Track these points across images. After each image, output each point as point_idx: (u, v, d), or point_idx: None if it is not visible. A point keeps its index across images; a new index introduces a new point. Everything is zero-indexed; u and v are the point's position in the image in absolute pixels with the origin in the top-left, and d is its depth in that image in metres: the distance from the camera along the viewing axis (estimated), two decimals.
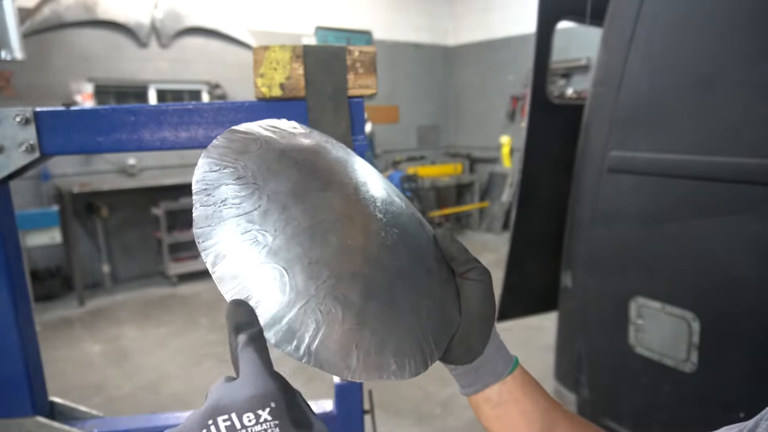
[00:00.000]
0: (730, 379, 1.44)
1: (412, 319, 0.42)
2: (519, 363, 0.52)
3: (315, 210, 0.42)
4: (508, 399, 0.50)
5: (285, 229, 0.40)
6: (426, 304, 0.44)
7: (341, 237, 0.41)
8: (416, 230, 0.49)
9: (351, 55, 0.73)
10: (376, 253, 0.42)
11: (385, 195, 0.50)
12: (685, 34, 1.52)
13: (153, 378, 3.34)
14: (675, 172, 1.53)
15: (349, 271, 0.40)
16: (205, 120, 0.72)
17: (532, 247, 2.26)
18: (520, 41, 6.64)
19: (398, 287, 0.42)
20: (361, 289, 0.40)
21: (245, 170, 0.42)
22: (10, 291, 0.72)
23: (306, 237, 0.40)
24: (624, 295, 1.68)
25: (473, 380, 0.50)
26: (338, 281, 0.39)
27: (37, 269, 4.73)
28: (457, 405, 2.93)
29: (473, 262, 0.48)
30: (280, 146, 0.47)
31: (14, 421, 0.75)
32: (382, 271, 0.42)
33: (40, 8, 4.62)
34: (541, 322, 2.39)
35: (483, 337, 0.48)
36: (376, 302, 0.40)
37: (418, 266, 0.45)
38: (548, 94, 2.17)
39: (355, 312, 0.39)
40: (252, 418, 0.28)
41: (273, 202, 0.41)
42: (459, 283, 0.49)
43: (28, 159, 0.70)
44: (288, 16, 6.16)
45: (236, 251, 0.38)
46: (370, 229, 0.44)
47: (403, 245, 0.45)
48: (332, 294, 0.38)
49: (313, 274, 0.38)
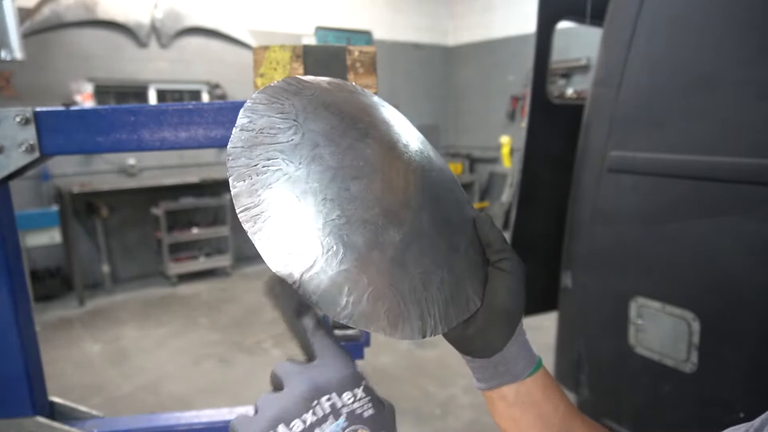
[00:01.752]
0: (730, 379, 1.44)
1: (418, 284, 0.41)
2: (542, 365, 0.49)
3: (344, 154, 0.42)
4: (526, 400, 0.47)
5: (310, 164, 0.41)
6: (440, 275, 0.43)
7: (363, 184, 0.41)
8: (450, 206, 0.47)
9: (351, 55, 0.73)
10: (395, 210, 0.41)
11: (427, 162, 0.48)
12: (685, 34, 1.52)
13: (153, 378, 3.34)
14: (675, 172, 1.53)
15: (362, 217, 0.39)
16: (205, 120, 0.72)
17: (532, 247, 2.26)
18: (520, 41, 6.64)
19: (412, 249, 0.41)
20: (369, 237, 0.39)
21: (291, 107, 0.45)
22: (10, 291, 0.72)
23: (328, 175, 0.40)
24: (624, 295, 1.68)
25: (490, 376, 0.48)
26: (347, 223, 0.39)
27: (37, 269, 4.73)
28: (457, 405, 2.93)
29: (508, 252, 0.46)
30: (332, 97, 0.48)
31: (14, 421, 0.75)
32: (397, 228, 0.41)
33: (40, 8, 4.62)
34: (541, 322, 2.39)
35: (505, 333, 0.45)
36: (380, 254, 0.39)
37: (441, 238, 0.44)
38: (548, 94, 2.17)
39: (357, 256, 0.38)
40: (350, 396, 0.32)
41: (306, 139, 0.42)
42: (489, 272, 0.46)
43: (28, 159, 0.69)
44: (288, 16, 6.17)
45: (258, 174, 0.40)
46: (395, 186, 0.43)
47: (428, 212, 0.44)
48: (337, 233, 0.38)
49: (323, 210, 0.39)
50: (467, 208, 0.50)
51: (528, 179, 2.18)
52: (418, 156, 0.48)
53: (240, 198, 0.38)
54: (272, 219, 0.38)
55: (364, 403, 0.32)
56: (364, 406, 0.32)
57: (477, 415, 2.83)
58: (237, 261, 5.78)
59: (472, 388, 3.09)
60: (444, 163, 0.53)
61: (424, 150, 0.51)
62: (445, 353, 3.56)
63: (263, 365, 3.49)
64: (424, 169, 0.47)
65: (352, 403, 0.32)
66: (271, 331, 4.01)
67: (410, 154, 0.47)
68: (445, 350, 3.60)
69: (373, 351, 3.54)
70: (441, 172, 0.50)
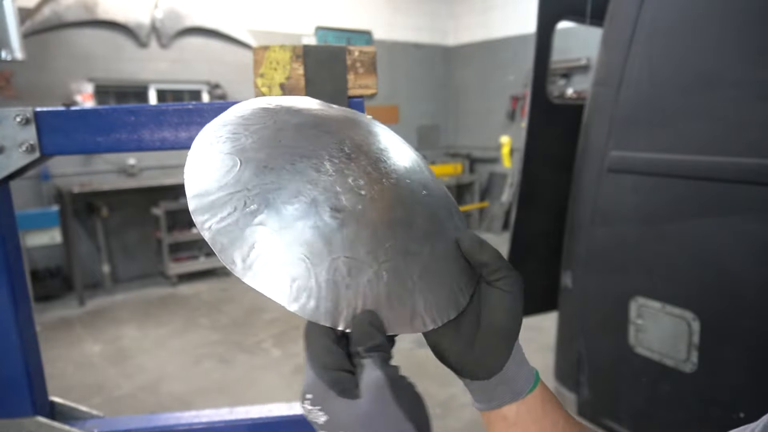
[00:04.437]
0: (730, 379, 1.44)
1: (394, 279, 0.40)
2: (540, 379, 0.48)
3: (303, 140, 0.44)
4: (527, 419, 0.46)
5: (265, 142, 0.43)
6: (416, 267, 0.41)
7: (311, 165, 0.41)
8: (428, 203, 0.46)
9: (351, 55, 0.73)
10: (334, 191, 0.40)
11: (413, 175, 0.47)
12: (685, 34, 1.52)
13: (153, 378, 3.34)
14: (675, 172, 1.53)
15: (297, 188, 0.40)
16: (205, 120, 0.72)
17: (532, 247, 2.26)
18: (520, 41, 6.63)
19: (349, 225, 0.39)
20: (299, 207, 0.39)
21: (274, 109, 0.49)
22: (10, 291, 0.72)
23: (279, 152, 0.42)
24: (624, 295, 1.68)
25: (490, 397, 0.46)
26: (278, 189, 0.39)
27: (37, 269, 4.73)
28: (457, 405, 2.93)
29: (505, 270, 0.43)
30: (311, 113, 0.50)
31: (14, 421, 0.75)
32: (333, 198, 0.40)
33: (40, 8, 4.62)
34: (541, 322, 2.39)
35: (504, 353, 0.44)
36: (307, 222, 0.38)
37: (404, 221, 0.42)
38: (548, 94, 2.17)
39: (277, 219, 0.38)
40: (303, 408, 0.36)
41: (276, 126, 0.45)
42: (485, 290, 0.44)
43: (28, 159, 0.69)
44: (288, 16, 6.16)
45: (216, 142, 0.44)
46: (346, 171, 0.42)
47: (396, 201, 0.42)
48: (265, 195, 0.39)
49: (260, 174, 0.40)
50: (452, 224, 0.47)
51: (528, 179, 2.18)
52: (404, 170, 0.47)
53: (189, 158, 0.44)
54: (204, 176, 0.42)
55: (313, 412, 0.35)
56: (314, 415, 0.35)
57: (477, 415, 2.83)
58: None
59: None
60: (439, 186, 0.51)
61: (416, 169, 0.49)
62: None
63: (263, 365, 3.48)
64: (408, 185, 0.45)
65: (306, 414, 0.36)
66: (271, 331, 4.01)
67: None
68: None
69: None
70: (432, 191, 0.48)
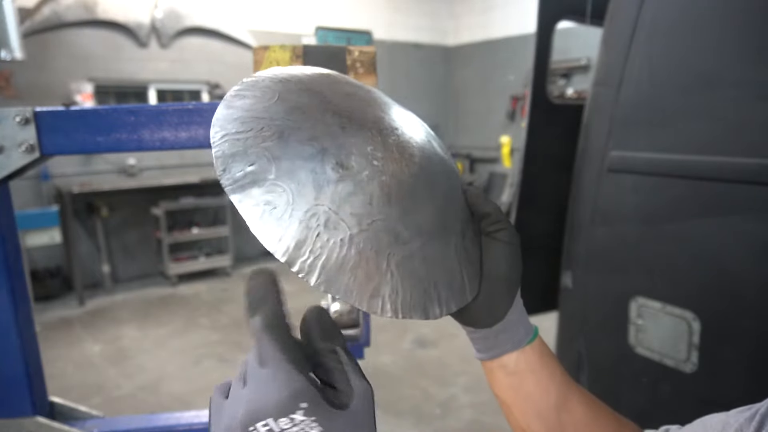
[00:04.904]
0: (730, 379, 1.44)
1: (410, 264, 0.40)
2: (539, 333, 0.50)
3: (346, 104, 0.45)
4: (525, 368, 0.48)
5: (313, 93, 0.45)
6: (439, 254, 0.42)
7: (339, 122, 0.42)
8: (437, 162, 0.46)
9: (351, 55, 0.73)
10: (348, 150, 0.41)
11: (420, 141, 0.47)
12: (685, 33, 1.52)
13: (153, 378, 3.34)
14: (675, 172, 1.53)
15: (314, 134, 0.40)
16: (205, 120, 0.72)
17: (532, 247, 2.25)
18: (520, 41, 6.63)
19: (346, 184, 0.39)
20: (307, 149, 0.39)
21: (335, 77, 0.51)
22: (10, 291, 0.72)
23: (317, 102, 0.43)
24: (624, 295, 1.68)
25: (491, 345, 0.48)
26: (298, 129, 0.41)
27: (37, 269, 4.73)
28: (457, 405, 2.93)
29: (504, 222, 0.46)
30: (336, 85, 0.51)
31: (14, 421, 0.75)
32: (342, 155, 0.41)
33: (40, 8, 4.62)
34: (540, 322, 2.38)
35: (506, 302, 0.45)
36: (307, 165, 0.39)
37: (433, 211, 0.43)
38: (548, 94, 2.17)
39: (282, 151, 0.39)
40: (287, 422, 0.29)
41: (331, 87, 0.47)
42: (485, 242, 0.46)
43: (27, 159, 0.69)
44: (288, 16, 6.17)
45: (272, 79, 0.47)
46: (371, 141, 0.43)
47: (407, 189, 0.42)
48: (282, 129, 0.40)
49: (290, 112, 0.42)
50: (456, 180, 0.48)
51: (528, 179, 2.18)
52: (411, 133, 0.47)
53: (213, 126, 0.44)
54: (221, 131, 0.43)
55: (304, 426, 0.29)
56: (305, 429, 0.29)
57: (477, 415, 2.83)
58: (237, 261, 5.78)
59: (472, 388, 3.09)
60: (440, 145, 0.51)
61: (423, 136, 0.49)
62: (445, 353, 3.56)
63: None
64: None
65: (289, 428, 0.29)
66: None
67: (404, 133, 0.46)
68: (445, 350, 3.60)
69: (374, 351, 3.54)
70: (433, 151, 0.48)
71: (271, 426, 0.29)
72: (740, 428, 0.43)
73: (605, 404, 0.51)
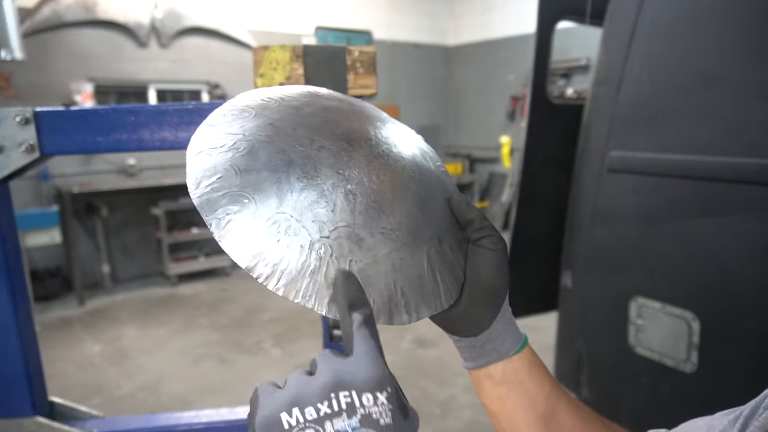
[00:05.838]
0: (730, 379, 1.44)
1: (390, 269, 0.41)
2: (528, 342, 0.49)
3: (321, 118, 0.47)
4: (513, 379, 0.47)
5: (289, 109, 0.47)
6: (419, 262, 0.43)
7: (310, 135, 0.44)
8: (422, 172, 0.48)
9: (351, 55, 0.73)
10: (316, 162, 0.43)
11: (409, 153, 0.49)
12: (685, 33, 1.52)
13: (153, 378, 3.34)
14: (675, 172, 1.53)
15: (283, 147, 0.43)
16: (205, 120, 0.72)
17: (532, 247, 2.26)
18: (520, 41, 6.64)
19: (310, 193, 0.41)
20: (274, 161, 0.42)
21: (312, 92, 0.53)
22: (10, 291, 0.72)
23: (292, 117, 0.46)
24: (624, 295, 1.68)
25: (477, 354, 0.47)
26: (268, 143, 0.43)
27: (36, 269, 4.73)
28: (456, 405, 2.94)
29: (489, 229, 0.45)
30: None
31: (14, 421, 0.75)
32: (309, 167, 0.42)
33: (40, 8, 4.61)
34: (541, 322, 2.39)
35: (491, 311, 0.45)
36: (273, 175, 0.41)
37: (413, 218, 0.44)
38: (548, 94, 2.17)
39: (249, 163, 0.41)
40: (370, 398, 0.30)
41: (307, 101, 0.50)
42: (470, 250, 0.45)
43: (27, 159, 0.70)
44: (288, 16, 6.16)
45: (251, 98, 0.49)
46: (341, 153, 0.45)
47: (377, 199, 0.43)
48: (253, 143, 0.43)
49: (263, 127, 0.44)
50: (440, 188, 0.49)
51: (528, 179, 2.18)
52: (400, 148, 0.49)
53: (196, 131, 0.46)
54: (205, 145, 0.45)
55: (383, 409, 0.30)
56: (382, 413, 0.30)
57: (477, 415, 2.83)
58: None
59: (471, 388, 3.08)
60: (426, 156, 0.54)
61: (412, 152, 0.51)
62: (445, 353, 3.56)
63: (263, 365, 3.49)
64: (398, 158, 0.48)
65: (370, 406, 0.30)
66: (270, 331, 4.01)
67: (393, 150, 0.48)
68: (445, 350, 3.60)
69: None
70: (413, 161, 0.49)
71: (352, 398, 0.30)
72: (724, 430, 0.43)
73: (595, 413, 0.50)
